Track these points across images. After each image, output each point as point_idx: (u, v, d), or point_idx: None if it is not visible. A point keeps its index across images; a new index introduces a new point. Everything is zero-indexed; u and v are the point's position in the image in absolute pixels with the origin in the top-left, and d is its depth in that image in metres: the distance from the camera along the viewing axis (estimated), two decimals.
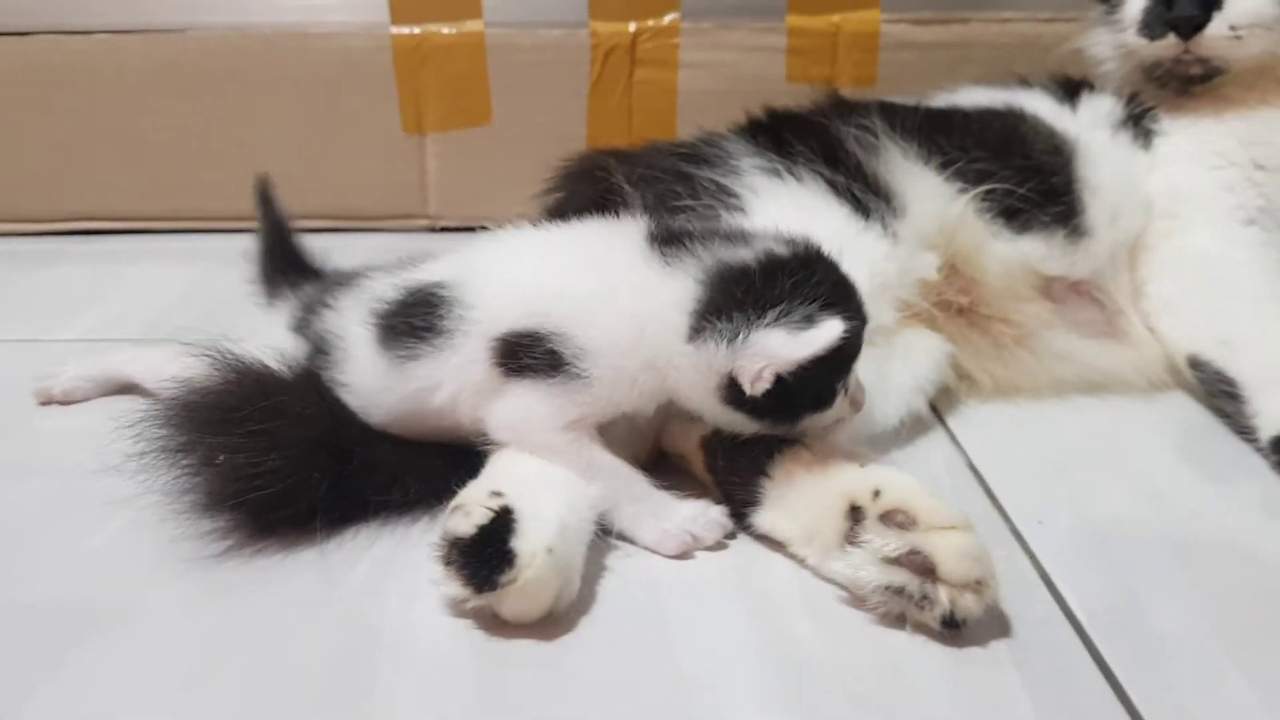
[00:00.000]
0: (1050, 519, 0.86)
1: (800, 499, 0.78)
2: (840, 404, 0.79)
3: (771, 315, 0.73)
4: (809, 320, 0.72)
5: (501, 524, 0.71)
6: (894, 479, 0.75)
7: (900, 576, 0.71)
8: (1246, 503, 0.91)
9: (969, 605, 0.69)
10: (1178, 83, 1.14)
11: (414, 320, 0.81)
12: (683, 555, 0.79)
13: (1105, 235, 1.08)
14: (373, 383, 0.83)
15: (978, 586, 0.70)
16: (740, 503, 0.81)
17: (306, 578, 0.78)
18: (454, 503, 0.74)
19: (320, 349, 0.86)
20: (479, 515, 0.71)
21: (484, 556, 0.70)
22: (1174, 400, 1.07)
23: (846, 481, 0.76)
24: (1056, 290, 1.07)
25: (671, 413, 0.84)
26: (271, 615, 0.74)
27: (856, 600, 0.74)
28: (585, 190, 1.10)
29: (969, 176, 1.04)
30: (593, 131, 1.59)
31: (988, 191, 1.04)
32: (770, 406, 0.76)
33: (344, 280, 0.93)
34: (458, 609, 0.72)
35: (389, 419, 0.84)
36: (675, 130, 1.58)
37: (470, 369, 0.79)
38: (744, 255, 0.76)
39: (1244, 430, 0.98)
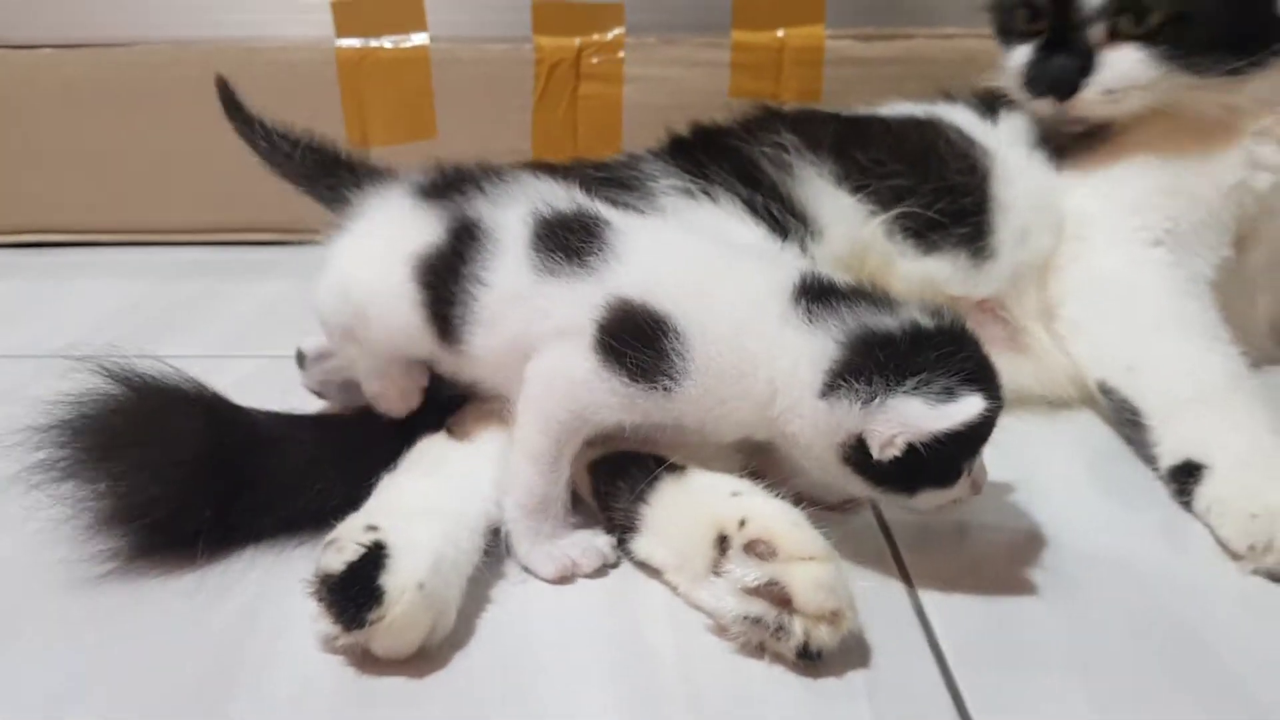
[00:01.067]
0: (935, 543, 0.87)
1: (674, 527, 0.79)
2: (962, 484, 0.78)
3: (911, 383, 0.72)
4: (949, 393, 0.72)
5: (372, 560, 0.72)
6: (761, 508, 0.76)
7: (758, 607, 0.72)
8: (1145, 532, 0.91)
9: (823, 637, 0.70)
10: (1064, 136, 1.15)
11: (570, 237, 0.81)
12: (560, 579, 0.81)
13: (1009, 256, 1.09)
14: (512, 286, 0.81)
15: (833, 618, 0.71)
16: (621, 529, 0.82)
17: (186, 603, 0.79)
18: (329, 536, 0.75)
19: (468, 234, 0.83)
20: (350, 551, 0.72)
21: (352, 594, 0.70)
22: (1080, 420, 1.09)
23: (717, 510, 0.77)
24: (961, 308, 1.08)
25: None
26: (145, 641, 0.75)
27: (721, 629, 0.74)
28: None
29: (882, 197, 1.06)
30: (538, 145, 1.61)
31: (899, 213, 1.05)
32: (892, 475, 0.75)
33: (497, 172, 0.89)
34: (330, 645, 0.73)
35: (491, 353, 0.82)
36: (620, 144, 1.59)
37: (580, 312, 0.78)
38: (888, 322, 0.76)
39: (1149, 459, 0.98)
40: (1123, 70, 1.06)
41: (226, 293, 1.48)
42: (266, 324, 1.36)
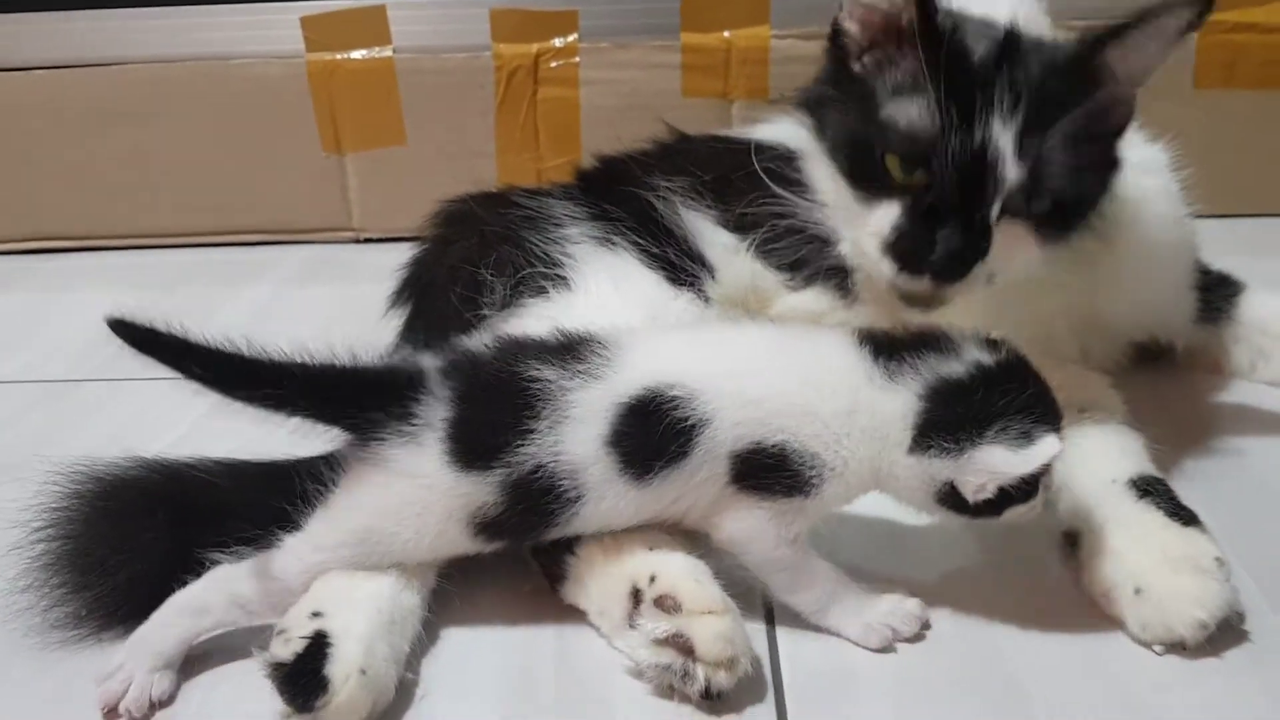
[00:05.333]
0: None
1: (595, 578, 0.86)
2: (1040, 494, 0.81)
3: (992, 432, 0.77)
4: (1026, 436, 0.76)
5: (317, 649, 0.77)
6: (669, 565, 0.83)
7: (667, 656, 0.79)
8: (1011, 580, 0.91)
9: (722, 680, 0.78)
10: None
11: (654, 440, 0.79)
12: (884, 648, 0.84)
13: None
14: (622, 509, 0.82)
15: (730, 664, 0.78)
16: (552, 576, 0.89)
17: None
18: (279, 625, 0.79)
19: (543, 484, 0.79)
20: (296, 643, 0.77)
21: (300, 683, 0.75)
22: None
23: (631, 565, 0.84)
24: None
25: None
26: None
27: (638, 672, 0.81)
28: (456, 235, 1.16)
29: (749, 232, 1.05)
30: (501, 148, 1.66)
31: (767, 246, 1.05)
32: (984, 509, 0.79)
33: (539, 395, 0.80)
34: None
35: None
36: (580, 144, 1.65)
37: (709, 486, 0.81)
38: (956, 368, 0.80)
39: None
40: (1016, 257, 0.89)
41: (212, 300, 1.55)
42: (249, 337, 1.42)
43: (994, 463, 0.77)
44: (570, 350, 0.82)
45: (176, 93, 1.65)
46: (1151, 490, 0.90)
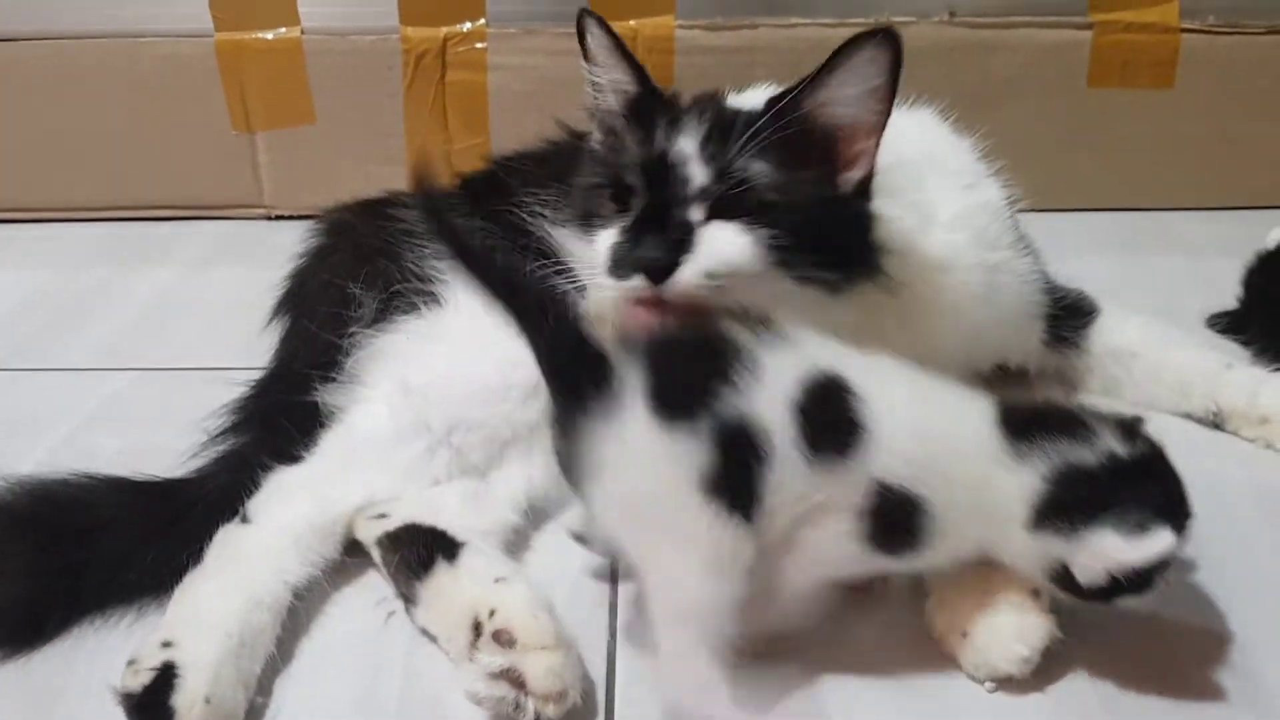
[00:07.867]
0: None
1: (442, 606, 0.89)
2: (1156, 590, 0.80)
3: (1109, 518, 0.77)
4: (1142, 527, 0.77)
5: (163, 681, 0.80)
6: (510, 599, 0.86)
7: (501, 689, 0.82)
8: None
9: (550, 713, 0.81)
10: None
11: (837, 433, 0.80)
12: None
13: None
14: (796, 490, 0.80)
15: (559, 697, 0.81)
16: (404, 598, 0.92)
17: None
18: (130, 655, 0.82)
19: (740, 443, 0.79)
20: (145, 675, 0.80)
21: (147, 714, 0.79)
22: None
23: (475, 598, 0.87)
24: None
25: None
26: None
27: (476, 700, 0.83)
28: (334, 247, 1.18)
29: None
30: (410, 129, 1.66)
31: None
32: (1095, 593, 0.80)
33: (732, 351, 0.82)
34: None
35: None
36: (489, 128, 1.65)
37: (846, 495, 0.80)
38: (1087, 456, 0.80)
39: None
40: (722, 250, 0.91)
41: (120, 283, 1.54)
42: (150, 324, 1.44)
43: (1105, 548, 0.77)
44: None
45: (86, 70, 1.63)
46: None
